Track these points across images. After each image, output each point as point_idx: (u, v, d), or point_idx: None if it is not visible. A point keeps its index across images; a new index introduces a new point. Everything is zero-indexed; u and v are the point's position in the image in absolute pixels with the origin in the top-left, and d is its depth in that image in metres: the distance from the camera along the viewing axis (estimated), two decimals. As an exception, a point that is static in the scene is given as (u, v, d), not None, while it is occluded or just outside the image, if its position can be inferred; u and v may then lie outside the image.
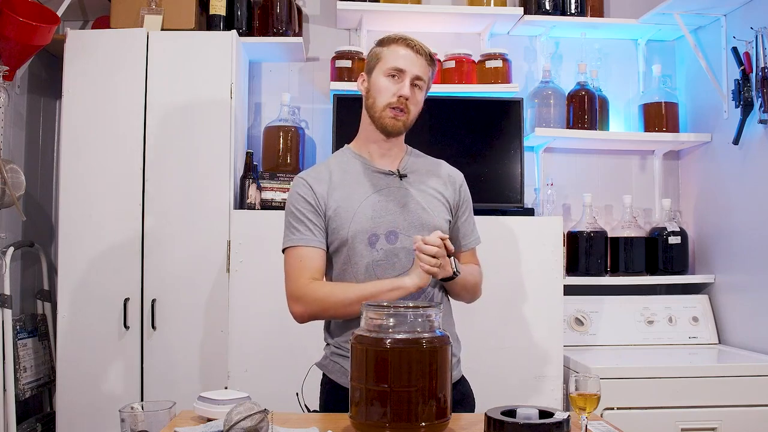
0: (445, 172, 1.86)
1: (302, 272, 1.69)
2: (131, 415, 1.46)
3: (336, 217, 1.71)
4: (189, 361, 2.56)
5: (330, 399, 1.77)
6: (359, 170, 1.77)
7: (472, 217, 1.88)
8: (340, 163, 1.80)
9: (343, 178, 1.75)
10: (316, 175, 1.77)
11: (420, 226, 1.72)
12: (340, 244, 1.71)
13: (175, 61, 2.63)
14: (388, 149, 1.79)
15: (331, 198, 1.72)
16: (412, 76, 1.71)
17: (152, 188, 2.58)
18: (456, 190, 1.84)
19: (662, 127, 2.99)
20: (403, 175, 1.77)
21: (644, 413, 2.35)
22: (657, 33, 3.09)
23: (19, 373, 2.59)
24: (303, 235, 1.70)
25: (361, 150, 1.80)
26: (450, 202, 1.81)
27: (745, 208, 2.72)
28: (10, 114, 2.70)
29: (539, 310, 2.51)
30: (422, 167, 1.83)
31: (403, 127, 1.75)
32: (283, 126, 2.86)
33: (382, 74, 1.73)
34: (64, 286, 2.56)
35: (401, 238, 1.70)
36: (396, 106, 1.71)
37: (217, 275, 2.56)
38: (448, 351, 1.41)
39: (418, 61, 1.72)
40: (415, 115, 1.77)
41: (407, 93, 1.71)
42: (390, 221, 1.71)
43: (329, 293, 1.68)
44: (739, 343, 2.76)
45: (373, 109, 1.74)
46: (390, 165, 1.79)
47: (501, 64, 2.93)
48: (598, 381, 1.44)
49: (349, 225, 1.70)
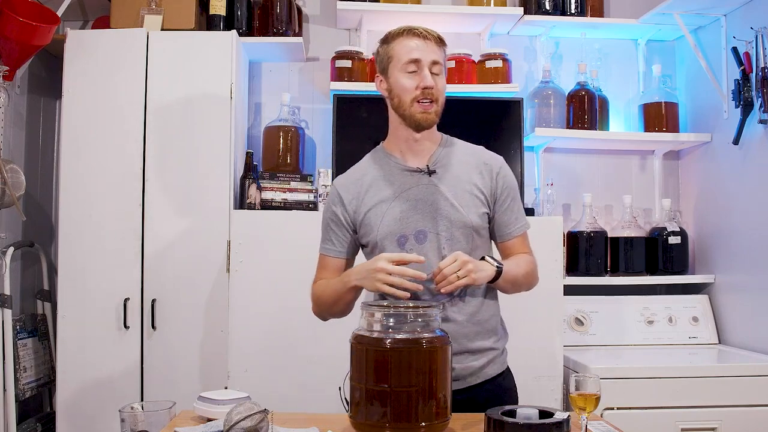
0: (480, 160, 1.79)
1: (318, 275, 1.81)
2: (131, 415, 1.46)
3: (366, 221, 1.73)
4: (189, 361, 2.56)
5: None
6: (390, 170, 1.76)
7: (516, 203, 1.79)
8: (372, 165, 1.80)
9: (374, 180, 1.76)
10: (349, 180, 1.80)
11: (449, 223, 1.70)
12: (372, 245, 1.74)
13: (175, 61, 2.63)
14: (419, 145, 1.76)
15: (362, 203, 1.75)
16: (429, 63, 1.69)
17: (152, 188, 2.58)
18: (493, 179, 1.76)
19: (662, 127, 2.99)
20: (432, 171, 1.74)
21: (644, 413, 2.35)
22: (657, 33, 3.09)
23: (19, 373, 2.59)
24: (325, 245, 1.80)
25: (392, 149, 1.79)
26: (485, 193, 1.75)
27: (745, 208, 2.72)
28: (10, 114, 2.70)
29: (539, 310, 2.50)
30: (455, 158, 1.78)
31: (435, 116, 1.73)
32: (283, 126, 2.86)
33: (399, 71, 1.71)
34: (64, 286, 2.56)
35: (430, 237, 1.70)
36: (422, 99, 1.70)
37: (217, 275, 2.56)
38: (448, 351, 1.41)
39: (428, 46, 1.70)
40: (442, 101, 1.74)
41: (430, 83, 1.68)
42: (418, 221, 1.71)
43: (320, 295, 1.77)
44: (739, 343, 2.76)
45: (401, 108, 1.72)
46: (420, 161, 1.76)
47: (501, 64, 2.93)
48: (598, 381, 1.44)
49: (378, 228, 1.71)
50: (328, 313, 1.77)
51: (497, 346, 1.76)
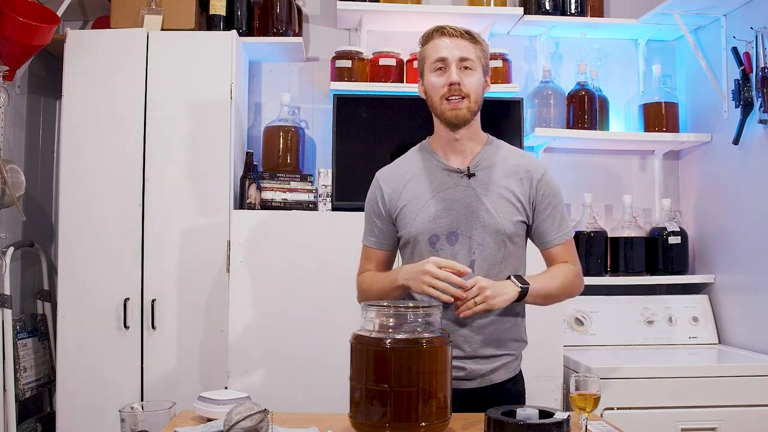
0: (523, 167, 1.77)
1: (363, 266, 1.85)
2: (131, 415, 1.46)
3: (402, 215, 1.75)
4: (189, 361, 2.56)
5: None
6: (430, 168, 1.77)
7: (558, 211, 1.77)
8: (415, 160, 1.81)
9: (414, 175, 1.77)
10: (391, 173, 1.82)
11: (482, 228, 1.70)
12: (405, 241, 1.76)
13: (175, 61, 2.63)
14: (459, 145, 1.75)
15: (400, 197, 1.76)
16: (456, 60, 1.68)
17: (152, 188, 2.58)
18: (533, 186, 1.74)
19: (662, 127, 2.99)
20: (472, 174, 1.74)
21: (644, 413, 2.35)
22: (657, 33, 3.09)
23: (19, 373, 2.59)
24: (369, 236, 1.84)
25: (435, 147, 1.80)
26: (522, 201, 1.74)
27: (745, 208, 2.72)
28: (10, 114, 2.70)
29: (539, 310, 2.49)
30: (498, 163, 1.77)
31: (467, 112, 1.71)
32: (283, 126, 2.86)
33: (429, 71, 1.72)
34: (64, 286, 2.56)
35: (461, 240, 1.70)
36: (450, 96, 1.69)
37: (217, 275, 2.56)
38: (448, 351, 1.41)
39: (456, 43, 1.69)
40: (477, 98, 1.72)
41: (455, 78, 1.67)
42: (451, 222, 1.71)
43: (365, 288, 1.80)
44: (739, 343, 2.76)
45: (434, 108, 1.74)
46: (462, 162, 1.76)
47: (501, 64, 2.93)
48: (598, 381, 1.44)
49: (412, 224, 1.73)
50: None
51: (512, 352, 1.77)
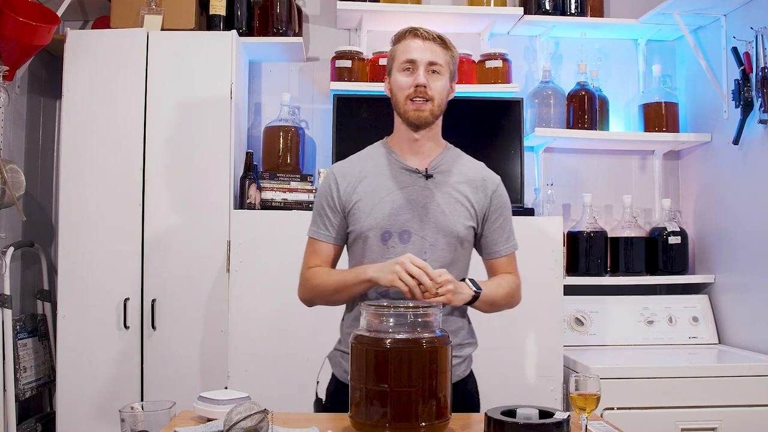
0: (479, 176, 1.81)
1: (310, 261, 1.78)
2: (131, 415, 1.46)
3: (356, 209, 1.74)
4: (189, 361, 2.56)
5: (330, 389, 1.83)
6: (388, 165, 1.77)
7: (508, 224, 1.82)
8: (373, 157, 1.81)
9: (372, 171, 1.77)
10: (347, 167, 1.81)
11: (435, 228, 1.71)
12: (356, 236, 1.74)
13: (175, 61, 2.63)
14: (418, 146, 1.77)
15: (355, 192, 1.75)
16: (425, 63, 1.71)
17: (152, 188, 2.58)
18: (487, 196, 1.79)
19: (662, 127, 2.99)
20: (430, 176, 1.75)
21: (644, 413, 2.35)
22: (657, 33, 3.09)
23: (19, 373, 2.59)
24: (318, 230, 1.79)
25: (394, 145, 1.81)
26: (476, 208, 1.77)
27: (745, 208, 2.72)
28: (10, 114, 2.70)
29: (539, 310, 2.51)
30: (455, 168, 1.79)
31: (430, 115, 1.73)
32: (283, 126, 2.86)
33: (398, 71, 1.74)
34: (64, 286, 2.56)
35: (414, 239, 1.70)
36: (415, 97, 1.71)
37: (217, 275, 2.56)
38: (448, 351, 1.41)
39: (427, 47, 1.72)
40: (440, 102, 1.75)
41: (422, 81, 1.70)
42: (406, 220, 1.71)
43: (318, 284, 1.74)
44: (739, 343, 2.76)
45: (398, 106, 1.75)
46: (420, 163, 1.77)
47: (501, 64, 2.93)
48: (598, 381, 1.44)
49: (366, 219, 1.72)
50: (324, 301, 1.77)
51: (460, 354, 1.76)
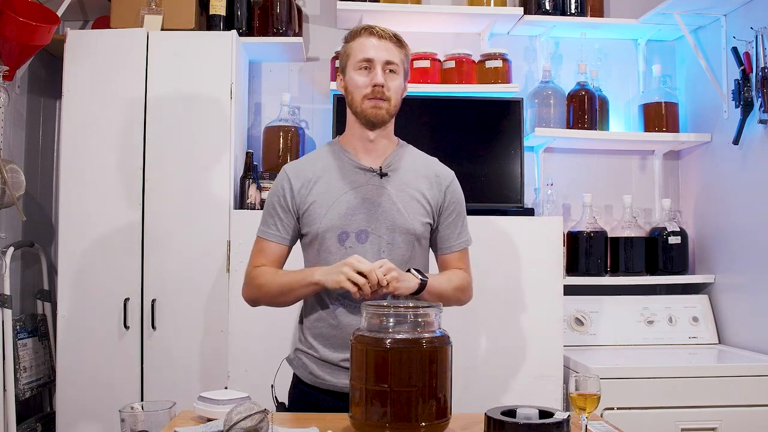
0: (433, 171, 1.81)
1: (257, 260, 1.77)
2: (131, 415, 1.46)
3: (311, 210, 1.73)
4: (189, 361, 2.56)
5: (294, 393, 1.82)
6: (342, 165, 1.77)
7: (461, 219, 1.83)
8: (326, 156, 1.80)
9: (325, 171, 1.76)
10: (300, 168, 1.79)
11: (392, 226, 1.71)
12: (312, 237, 1.74)
13: (175, 61, 2.63)
14: (373, 145, 1.77)
15: (309, 193, 1.74)
16: (382, 62, 1.71)
17: (152, 188, 2.58)
18: (441, 191, 1.79)
19: (662, 127, 2.99)
20: (384, 174, 1.76)
21: (644, 413, 2.35)
22: (657, 33, 3.09)
23: (19, 373, 2.59)
24: (268, 229, 1.77)
25: (347, 145, 1.80)
26: (431, 204, 1.77)
27: (745, 208, 2.72)
28: (10, 114, 2.70)
29: (539, 310, 2.51)
30: (409, 165, 1.80)
31: (386, 114, 1.73)
32: (283, 126, 2.86)
33: (354, 69, 1.73)
34: (64, 286, 2.56)
35: (371, 239, 1.71)
36: (373, 96, 1.71)
37: (217, 275, 2.56)
38: (449, 351, 1.41)
39: (384, 45, 1.72)
40: (396, 102, 1.75)
41: (380, 80, 1.70)
42: (362, 220, 1.71)
43: (264, 283, 1.73)
44: (739, 343, 2.76)
45: (354, 105, 1.74)
46: (374, 161, 1.77)
47: (501, 64, 2.93)
48: (598, 381, 1.44)
49: (322, 220, 1.71)
50: (269, 302, 1.77)
51: None
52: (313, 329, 1.76)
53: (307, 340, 1.77)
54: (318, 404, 1.72)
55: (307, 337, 1.77)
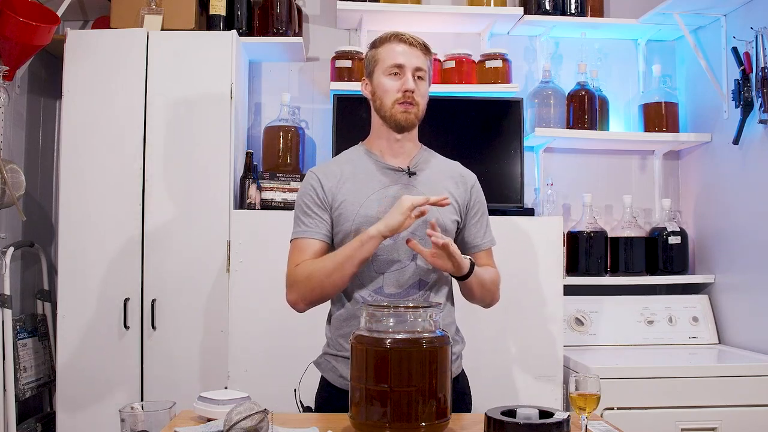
0: (457, 172, 1.86)
1: (296, 258, 1.72)
2: (131, 415, 1.46)
3: (342, 209, 1.73)
4: (189, 361, 2.56)
5: (323, 396, 1.80)
6: (370, 167, 1.78)
7: (485, 219, 1.86)
8: (352, 160, 1.81)
9: (353, 173, 1.77)
10: (327, 170, 1.80)
11: (424, 223, 1.71)
12: (344, 235, 1.73)
13: (175, 61, 2.63)
14: (399, 147, 1.79)
15: (339, 191, 1.75)
16: (412, 68, 1.73)
17: (152, 188, 2.58)
18: (467, 191, 1.83)
19: (662, 127, 2.99)
20: (413, 173, 1.78)
21: (644, 413, 2.35)
22: (657, 33, 3.09)
23: (19, 373, 2.59)
24: (307, 227, 1.74)
25: (372, 147, 1.82)
26: (459, 203, 1.80)
27: (745, 208, 2.72)
28: (10, 114, 2.70)
29: (539, 310, 2.51)
30: (435, 166, 1.83)
31: (415, 118, 1.76)
32: (283, 126, 2.86)
33: (383, 74, 1.75)
34: (64, 286, 2.56)
35: (403, 234, 1.70)
36: (403, 101, 1.73)
37: (217, 275, 2.56)
38: (448, 351, 1.41)
39: (414, 53, 1.74)
40: (423, 107, 1.78)
41: (412, 86, 1.72)
42: None
43: (312, 270, 1.67)
44: (739, 343, 2.76)
45: (383, 110, 1.76)
46: (401, 162, 1.79)
47: (501, 64, 2.93)
48: (598, 381, 1.44)
49: (354, 217, 1.71)
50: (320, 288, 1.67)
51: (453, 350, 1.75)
52: (342, 329, 1.74)
53: (338, 342, 1.74)
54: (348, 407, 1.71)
55: (337, 339, 1.75)
